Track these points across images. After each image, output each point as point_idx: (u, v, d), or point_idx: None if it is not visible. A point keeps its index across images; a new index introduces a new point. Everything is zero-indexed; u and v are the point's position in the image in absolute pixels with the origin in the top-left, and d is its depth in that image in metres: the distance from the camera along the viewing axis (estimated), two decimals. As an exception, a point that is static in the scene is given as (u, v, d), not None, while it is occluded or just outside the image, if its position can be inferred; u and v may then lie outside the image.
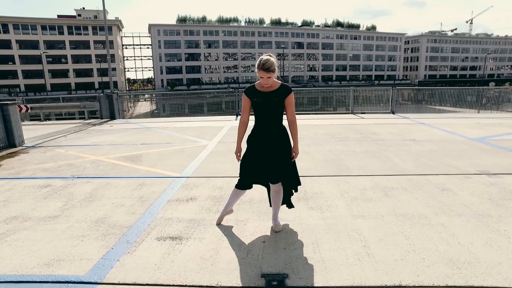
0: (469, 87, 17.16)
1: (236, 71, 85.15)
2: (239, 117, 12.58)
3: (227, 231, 3.25)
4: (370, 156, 6.17)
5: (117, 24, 76.48)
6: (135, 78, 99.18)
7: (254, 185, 3.27)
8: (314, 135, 8.39)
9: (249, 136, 3.08)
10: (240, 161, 3.15)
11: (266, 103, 2.87)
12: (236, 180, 3.28)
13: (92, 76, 75.88)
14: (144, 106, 18.91)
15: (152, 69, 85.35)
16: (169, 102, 18.43)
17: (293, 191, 3.25)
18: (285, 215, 3.53)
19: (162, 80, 79.88)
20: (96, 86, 74.36)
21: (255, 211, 3.68)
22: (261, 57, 2.80)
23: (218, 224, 3.39)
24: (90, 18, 77.33)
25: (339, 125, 10.29)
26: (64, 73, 73.87)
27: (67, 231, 3.37)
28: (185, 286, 2.42)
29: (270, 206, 3.36)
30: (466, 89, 16.75)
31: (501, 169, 5.10)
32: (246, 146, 3.13)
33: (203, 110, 19.00)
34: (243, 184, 3.16)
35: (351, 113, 13.79)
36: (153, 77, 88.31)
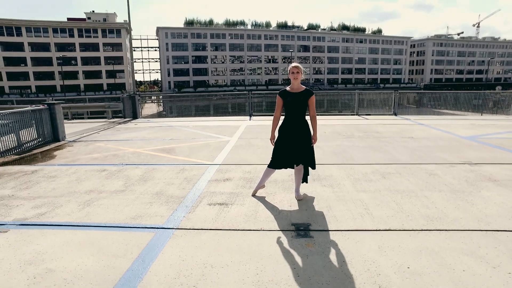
0: (467, 91, 18.00)
1: (243, 74, 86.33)
2: (253, 117, 13.62)
3: (261, 200, 4.26)
4: (372, 150, 7.17)
5: (126, 27, 78.01)
6: (142, 80, 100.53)
7: (277, 170, 4.27)
8: (323, 133, 9.38)
9: (280, 127, 4.11)
10: (273, 146, 4.18)
11: (295, 102, 3.91)
12: (260, 167, 4.32)
13: (101, 78, 77.31)
14: (151, 107, 19.83)
15: (160, 71, 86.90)
16: (176, 104, 19.46)
17: (310, 168, 4.24)
18: (304, 189, 4.53)
19: (169, 82, 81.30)
20: (105, 87, 75.86)
21: (280, 187, 4.70)
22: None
23: (253, 195, 4.41)
24: (99, 21, 78.93)
25: (345, 125, 11.28)
26: (73, 75, 75.42)
27: (137, 199, 4.40)
28: (237, 230, 3.43)
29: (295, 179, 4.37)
30: (466, 93, 17.62)
31: (481, 160, 6.08)
32: (277, 134, 4.16)
33: (209, 112, 20.03)
34: (275, 164, 4.18)
35: (356, 114, 14.77)
36: (159, 79, 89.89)
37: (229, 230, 3.44)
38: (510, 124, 11.31)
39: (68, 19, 75.69)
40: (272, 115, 4.22)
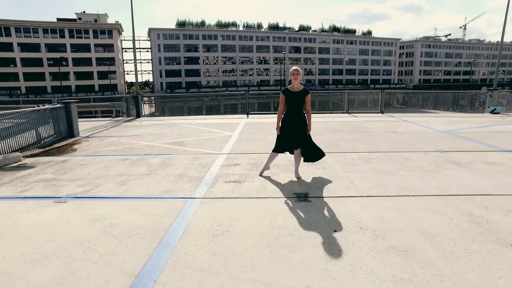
0: (448, 91, 19.24)
1: (235, 75, 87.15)
2: (250, 115, 14.54)
3: (267, 178, 5.19)
4: (359, 142, 8.16)
5: (118, 28, 78.08)
6: (134, 81, 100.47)
7: (278, 157, 5.20)
8: (315, 129, 10.34)
9: (283, 119, 5.05)
10: (277, 134, 5.11)
11: (295, 99, 4.85)
12: (263, 155, 5.24)
13: (92, 79, 77.05)
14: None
15: (151, 72, 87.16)
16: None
17: (320, 156, 5.19)
18: (301, 170, 5.47)
19: (161, 83, 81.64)
20: (96, 88, 75.68)
21: (282, 169, 5.64)
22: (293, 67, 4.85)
23: (260, 175, 5.33)
24: (90, 21, 78.72)
25: (335, 121, 12.29)
26: (64, 76, 74.99)
27: (163, 180, 5.29)
28: (251, 198, 4.35)
29: (295, 163, 5.32)
30: (448, 93, 18.85)
31: (451, 149, 7.12)
32: (281, 125, 5.09)
33: (210, 111, 20.89)
34: (278, 148, 5.12)
35: (346, 112, 15.82)
36: (150, 80, 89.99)
37: (245, 198, 4.36)
38: (482, 120, 12.47)
39: (58, 19, 75.14)
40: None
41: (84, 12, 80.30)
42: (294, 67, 4.85)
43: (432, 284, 2.44)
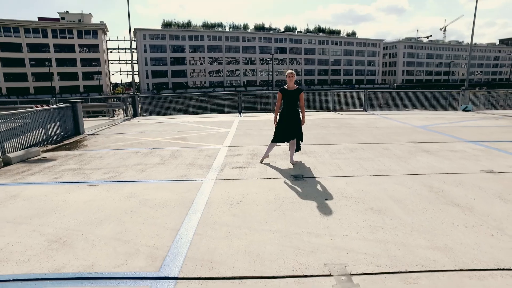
0: (426, 91, 20.59)
1: (221, 75, 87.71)
2: (243, 114, 15.41)
3: (267, 165, 6.09)
4: (344, 135, 9.16)
5: (103, 28, 77.51)
6: (120, 82, 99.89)
7: (274, 149, 6.11)
8: (305, 125, 11.31)
9: (280, 114, 5.95)
10: (276, 127, 6.02)
11: (290, 97, 5.76)
12: (260, 147, 6.13)
13: (77, 79, 76.07)
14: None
15: (138, 72, 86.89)
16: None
17: (300, 142, 6.12)
18: (296, 158, 6.38)
19: (147, 84, 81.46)
20: (81, 89, 74.86)
21: (279, 158, 6.55)
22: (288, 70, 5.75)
23: (261, 162, 6.23)
24: (74, 21, 77.65)
25: (323, 119, 13.30)
26: (48, 76, 73.74)
27: (177, 168, 6.11)
28: (256, 178, 5.23)
29: (289, 149, 6.24)
30: (425, 92, 20.19)
31: (423, 140, 8.19)
32: (278, 119, 6.00)
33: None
34: (276, 139, 6.02)
35: (332, 111, 16.89)
36: (136, 80, 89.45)
37: (251, 179, 5.24)
38: (454, 117, 13.73)
39: (39, 18, 73.35)
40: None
41: (67, 11, 79.12)
42: (290, 71, 5.76)
43: (397, 229, 3.38)
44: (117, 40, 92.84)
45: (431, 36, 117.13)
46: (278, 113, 6.04)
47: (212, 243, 3.17)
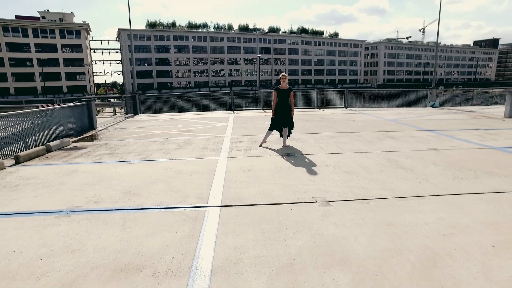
0: (401, 89, 22.63)
1: (207, 76, 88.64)
2: (236, 111, 16.94)
3: (265, 148, 7.67)
4: (326, 127, 10.85)
5: (86, 28, 77.02)
6: (104, 82, 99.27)
7: (269, 138, 7.71)
8: (292, 120, 12.97)
9: (275, 108, 7.55)
10: (272, 118, 7.61)
11: (283, 95, 7.37)
12: (257, 136, 7.70)
13: (60, 80, 75.09)
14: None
15: (122, 73, 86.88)
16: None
17: (291, 130, 7.75)
18: (287, 142, 7.99)
19: (132, 84, 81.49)
20: (65, 90, 73.99)
21: (274, 143, 8.15)
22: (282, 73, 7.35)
23: (260, 146, 7.81)
24: (55, 21, 76.49)
25: (308, 114, 15.00)
26: (29, 77, 72.35)
27: (193, 151, 7.61)
28: (258, 156, 6.81)
29: (281, 137, 7.84)
30: (400, 91, 22.23)
31: (391, 130, 9.97)
32: (274, 112, 7.60)
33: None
34: (272, 127, 7.62)
35: (316, 108, 18.65)
36: (118, 81, 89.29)
37: (254, 156, 6.82)
38: (422, 112, 15.70)
39: (17, 17, 71.49)
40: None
41: (48, 10, 77.72)
42: (283, 73, 7.38)
43: (360, 181, 5.02)
44: (101, 40, 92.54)
45: (410, 37, 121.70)
46: (274, 108, 7.65)
47: (238, 190, 4.74)
